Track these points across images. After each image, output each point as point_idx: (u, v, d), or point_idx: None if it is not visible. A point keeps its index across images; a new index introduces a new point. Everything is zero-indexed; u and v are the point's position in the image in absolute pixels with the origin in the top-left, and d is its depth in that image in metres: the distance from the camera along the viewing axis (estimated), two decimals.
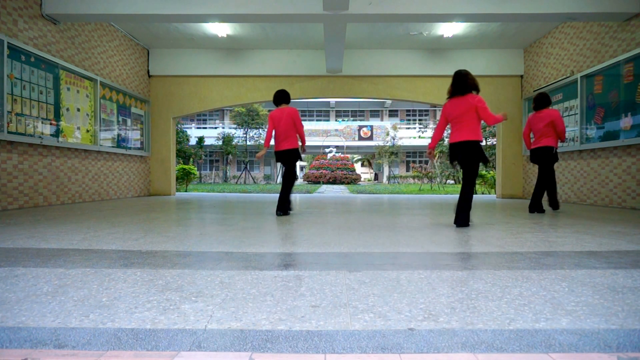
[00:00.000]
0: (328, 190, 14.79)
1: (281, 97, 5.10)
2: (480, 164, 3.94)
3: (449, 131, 4.10)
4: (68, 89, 6.71)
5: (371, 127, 30.75)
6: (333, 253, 2.54)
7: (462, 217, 3.84)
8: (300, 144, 5.14)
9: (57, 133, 6.40)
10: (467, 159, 3.88)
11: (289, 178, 5.11)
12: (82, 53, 7.16)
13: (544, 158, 5.32)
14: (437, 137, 4.20)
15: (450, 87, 4.03)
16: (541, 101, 5.40)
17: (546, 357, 1.09)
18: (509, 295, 1.63)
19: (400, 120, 33.04)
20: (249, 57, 9.58)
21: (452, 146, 3.97)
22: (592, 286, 1.77)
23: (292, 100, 5.34)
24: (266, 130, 25.87)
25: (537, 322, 1.33)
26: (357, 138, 30.68)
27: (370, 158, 31.92)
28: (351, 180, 22.79)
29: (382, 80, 9.67)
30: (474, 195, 5.10)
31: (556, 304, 1.53)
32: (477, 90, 3.96)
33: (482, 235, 3.33)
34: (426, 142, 26.49)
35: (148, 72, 9.63)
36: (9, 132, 5.37)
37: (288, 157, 5.03)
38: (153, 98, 9.72)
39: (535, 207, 5.36)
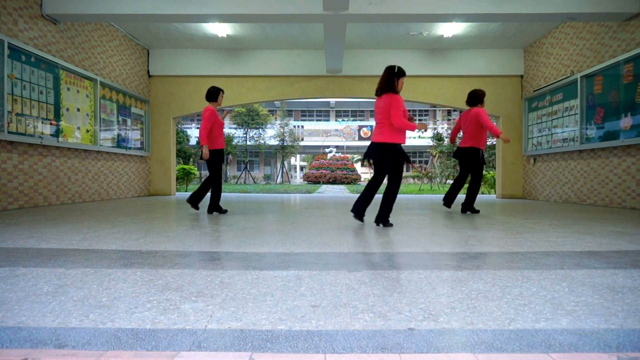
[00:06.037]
0: (328, 190, 14.79)
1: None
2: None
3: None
4: (68, 89, 6.71)
5: (371, 127, 30.73)
6: (333, 253, 2.54)
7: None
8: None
9: (57, 133, 6.39)
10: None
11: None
12: (82, 53, 7.16)
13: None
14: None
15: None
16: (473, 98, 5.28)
17: (546, 357, 1.09)
18: (509, 295, 1.63)
19: None
20: (249, 57, 9.58)
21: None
22: (592, 286, 1.77)
23: (292, 100, 5.35)
24: (260, 129, 26.24)
25: (537, 322, 1.33)
26: (357, 138, 30.69)
27: None
28: (351, 180, 22.77)
29: None
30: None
31: (556, 304, 1.53)
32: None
33: (482, 235, 3.33)
34: (426, 142, 26.48)
35: (148, 72, 9.62)
36: (9, 132, 5.37)
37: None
38: (153, 98, 9.71)
39: (467, 208, 5.31)
